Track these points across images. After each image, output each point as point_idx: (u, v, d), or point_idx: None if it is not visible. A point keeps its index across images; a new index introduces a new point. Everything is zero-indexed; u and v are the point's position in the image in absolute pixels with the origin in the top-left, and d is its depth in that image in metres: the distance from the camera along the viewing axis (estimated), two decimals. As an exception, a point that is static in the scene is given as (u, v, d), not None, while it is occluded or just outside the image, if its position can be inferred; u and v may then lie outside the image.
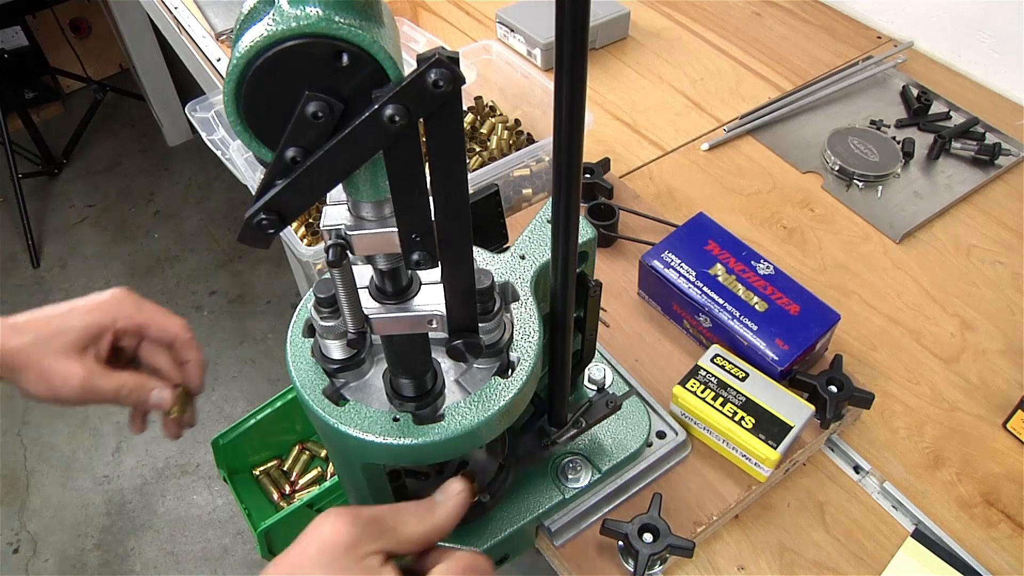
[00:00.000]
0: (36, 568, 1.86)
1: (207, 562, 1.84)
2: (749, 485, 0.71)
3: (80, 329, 0.62)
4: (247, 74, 0.34)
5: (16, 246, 2.57)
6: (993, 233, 0.96)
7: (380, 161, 0.37)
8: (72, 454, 2.06)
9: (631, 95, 1.18)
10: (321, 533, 0.41)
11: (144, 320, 0.65)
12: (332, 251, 0.40)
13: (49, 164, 2.79)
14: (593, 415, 0.64)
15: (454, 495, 0.45)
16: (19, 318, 0.63)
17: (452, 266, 0.42)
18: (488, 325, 0.48)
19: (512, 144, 1.08)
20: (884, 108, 1.13)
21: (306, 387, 0.49)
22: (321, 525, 0.42)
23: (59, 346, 0.61)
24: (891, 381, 0.82)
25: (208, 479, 1.98)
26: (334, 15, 0.32)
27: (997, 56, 1.13)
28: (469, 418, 0.47)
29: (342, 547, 0.40)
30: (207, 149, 1.02)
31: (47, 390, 0.62)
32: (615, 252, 0.93)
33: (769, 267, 0.81)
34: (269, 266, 2.41)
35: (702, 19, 1.32)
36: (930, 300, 0.89)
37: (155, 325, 0.66)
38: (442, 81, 0.33)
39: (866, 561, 0.69)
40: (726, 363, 0.74)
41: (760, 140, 1.10)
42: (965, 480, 0.74)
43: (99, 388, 0.62)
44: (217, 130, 1.03)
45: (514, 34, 1.24)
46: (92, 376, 0.62)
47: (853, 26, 1.28)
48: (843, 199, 1.01)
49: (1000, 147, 1.04)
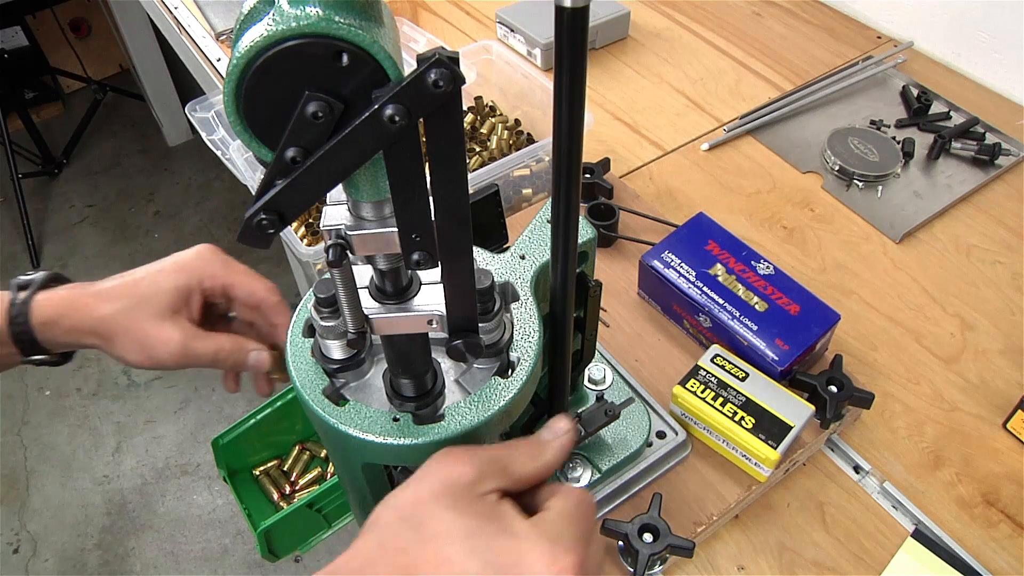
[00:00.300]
0: (36, 568, 1.86)
1: (207, 562, 1.84)
2: (749, 485, 0.71)
3: (170, 291, 0.60)
4: (247, 74, 0.34)
5: (16, 246, 2.57)
6: (993, 233, 0.96)
7: (380, 161, 0.37)
8: (72, 454, 2.06)
9: (631, 95, 1.18)
10: (441, 471, 0.41)
11: (231, 280, 0.63)
12: (332, 251, 0.40)
13: (49, 164, 2.80)
14: (592, 424, 0.64)
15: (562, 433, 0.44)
16: (104, 284, 0.61)
17: (452, 266, 0.42)
18: (488, 325, 0.48)
19: (512, 144, 1.08)
20: (884, 108, 1.13)
21: (306, 387, 0.49)
22: (440, 463, 0.41)
23: (152, 311, 0.60)
24: (891, 381, 0.82)
25: (208, 479, 1.98)
26: (334, 15, 0.32)
27: (997, 56, 1.13)
28: (469, 418, 0.47)
29: (462, 485, 0.40)
30: (207, 149, 1.02)
31: (146, 357, 0.61)
32: (615, 252, 0.93)
33: (769, 267, 0.81)
34: (269, 266, 2.41)
35: (702, 19, 1.32)
36: (930, 300, 0.89)
37: (241, 286, 0.64)
38: (442, 81, 0.33)
39: (866, 561, 0.69)
40: (726, 363, 0.74)
41: (760, 140, 1.10)
42: (965, 480, 0.74)
43: (197, 352, 0.61)
44: (217, 130, 1.03)
45: (514, 34, 1.24)
46: (189, 339, 0.60)
47: (853, 26, 1.28)
48: (843, 199, 1.01)
49: (1000, 147, 1.04)
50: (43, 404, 2.16)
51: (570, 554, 0.38)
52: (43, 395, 2.18)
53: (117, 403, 2.16)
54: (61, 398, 2.17)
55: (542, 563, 0.37)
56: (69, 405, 2.15)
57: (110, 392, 2.18)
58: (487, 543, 0.38)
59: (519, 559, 0.38)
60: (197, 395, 2.15)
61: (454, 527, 0.39)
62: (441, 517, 0.39)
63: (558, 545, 0.38)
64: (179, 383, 2.17)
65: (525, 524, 0.39)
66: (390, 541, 0.40)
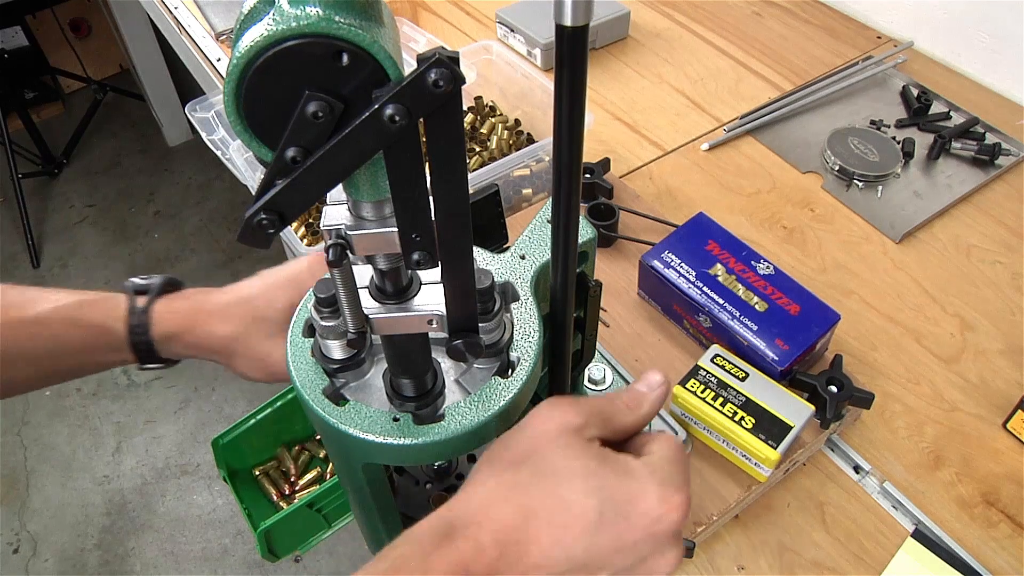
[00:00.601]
0: (36, 568, 1.86)
1: (207, 562, 1.84)
2: (749, 485, 0.71)
3: (285, 308, 0.62)
4: (247, 74, 0.34)
5: (16, 246, 2.57)
6: (993, 233, 0.96)
7: (380, 161, 0.37)
8: (72, 454, 2.06)
9: (631, 95, 1.18)
10: (552, 417, 0.42)
11: None
12: (332, 251, 0.40)
13: (49, 164, 2.80)
14: None
15: (657, 386, 0.46)
16: (221, 299, 0.63)
17: (452, 266, 0.42)
18: (488, 325, 0.48)
19: (512, 144, 1.08)
20: (884, 108, 1.13)
21: (306, 387, 0.49)
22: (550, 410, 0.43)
23: (269, 329, 0.62)
24: (891, 381, 0.82)
25: (208, 479, 1.98)
26: (334, 15, 0.32)
27: (997, 56, 1.13)
28: (469, 418, 0.47)
29: (571, 429, 0.42)
30: (207, 149, 1.02)
31: (267, 375, 0.63)
32: (615, 252, 0.93)
33: (769, 267, 0.81)
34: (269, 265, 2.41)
35: (702, 19, 1.32)
36: (930, 300, 0.89)
37: None
38: (442, 81, 0.33)
39: (866, 561, 0.69)
40: (726, 363, 0.74)
41: (760, 140, 1.10)
42: (965, 480, 0.74)
43: None
44: (217, 130, 1.03)
45: (514, 34, 1.24)
46: None
47: (853, 26, 1.28)
48: (843, 199, 1.01)
49: (1000, 147, 1.04)
50: (43, 404, 2.16)
51: (679, 493, 0.40)
52: (43, 395, 2.18)
53: (117, 403, 2.16)
54: (61, 398, 2.17)
55: (655, 500, 0.39)
56: (69, 405, 2.16)
57: (110, 392, 2.18)
58: (603, 482, 0.39)
59: (633, 497, 0.39)
60: (197, 395, 2.15)
61: (572, 466, 0.40)
62: (557, 457, 0.40)
63: (668, 485, 0.40)
64: (179, 383, 2.17)
65: (637, 464, 0.41)
66: (507, 480, 0.41)
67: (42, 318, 0.61)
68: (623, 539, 0.39)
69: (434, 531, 0.39)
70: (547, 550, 0.38)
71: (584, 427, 0.42)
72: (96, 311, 0.62)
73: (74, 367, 0.64)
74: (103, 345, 0.62)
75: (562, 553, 0.38)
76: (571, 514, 0.39)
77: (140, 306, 0.62)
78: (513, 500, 0.40)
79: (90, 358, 0.63)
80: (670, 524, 0.39)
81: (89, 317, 0.62)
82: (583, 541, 0.38)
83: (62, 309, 0.61)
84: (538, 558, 0.38)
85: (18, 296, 0.62)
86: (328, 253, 0.40)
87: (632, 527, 0.39)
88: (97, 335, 0.62)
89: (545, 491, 0.39)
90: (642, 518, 0.39)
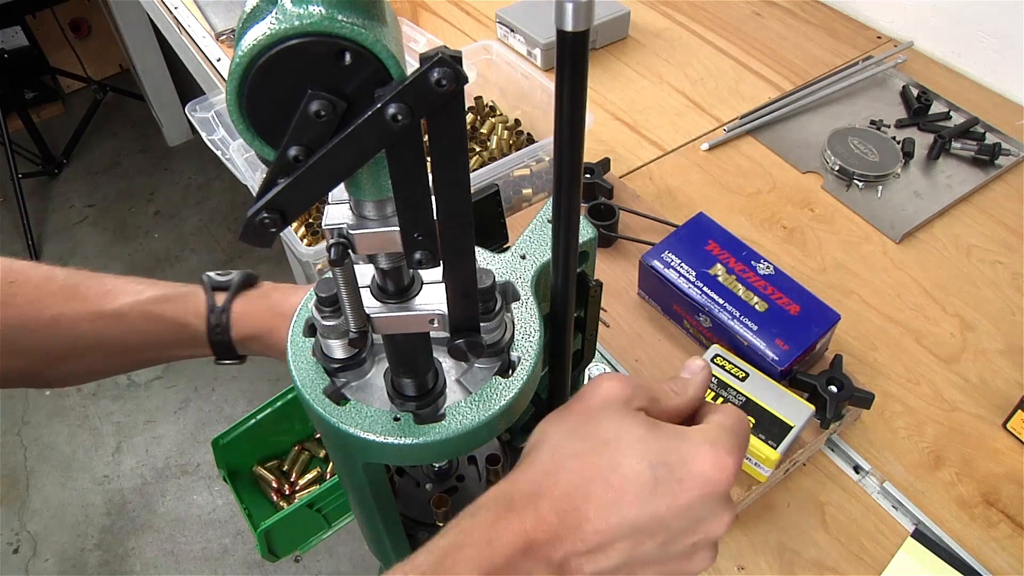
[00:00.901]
0: (36, 568, 1.85)
1: (207, 562, 1.84)
2: (749, 485, 0.71)
3: None
4: (250, 73, 0.34)
5: (16, 246, 2.57)
6: (993, 233, 0.96)
7: (382, 160, 0.37)
8: (72, 454, 2.06)
9: (631, 95, 1.18)
10: (602, 389, 0.44)
11: None
12: (334, 250, 0.40)
13: (49, 164, 2.80)
14: None
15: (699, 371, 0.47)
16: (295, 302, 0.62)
17: (454, 265, 0.42)
18: (489, 324, 0.48)
19: (512, 144, 1.08)
20: (884, 108, 1.13)
21: (307, 386, 0.49)
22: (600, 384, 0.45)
23: None
24: (891, 381, 0.82)
25: (208, 479, 1.98)
26: (337, 14, 0.32)
27: (997, 56, 1.13)
28: (470, 418, 0.47)
29: (621, 400, 0.43)
30: (207, 149, 1.02)
31: None
32: (615, 252, 0.93)
33: (769, 267, 0.81)
34: (269, 266, 2.41)
35: (702, 19, 1.32)
36: (930, 300, 0.89)
37: None
38: (445, 80, 0.33)
39: (866, 561, 0.69)
40: (726, 363, 0.74)
41: (760, 140, 1.10)
42: (965, 480, 0.74)
43: None
44: (217, 130, 1.03)
45: (514, 34, 1.24)
46: None
47: (853, 26, 1.29)
48: (843, 199, 1.01)
49: (1000, 147, 1.04)
50: (43, 404, 2.16)
51: (731, 455, 0.40)
52: (43, 395, 2.18)
53: (117, 403, 2.16)
54: (61, 398, 2.17)
55: (707, 461, 0.40)
56: (69, 405, 2.15)
57: (110, 392, 2.18)
58: (655, 445, 0.41)
59: (686, 460, 0.40)
60: (197, 395, 2.15)
61: (624, 432, 0.41)
62: (608, 426, 0.42)
63: (719, 447, 0.40)
64: (179, 383, 2.17)
65: (690, 430, 0.42)
66: (563, 449, 0.42)
67: (123, 311, 0.61)
68: (678, 501, 0.40)
69: (496, 503, 0.40)
70: (604, 514, 0.39)
71: (632, 399, 0.44)
72: (176, 307, 0.62)
73: (151, 359, 0.65)
74: (182, 341, 0.63)
75: (618, 517, 0.39)
76: (625, 479, 0.40)
77: (220, 305, 0.62)
78: (569, 469, 0.41)
79: (168, 352, 0.64)
80: (723, 485, 0.40)
81: (170, 313, 0.62)
82: (638, 504, 0.39)
83: (143, 303, 0.61)
84: (597, 523, 0.39)
85: (97, 286, 0.62)
86: (330, 252, 0.40)
87: (686, 489, 0.40)
88: (177, 331, 0.62)
89: (599, 458, 0.41)
90: (695, 480, 0.40)
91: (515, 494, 0.41)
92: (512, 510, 0.40)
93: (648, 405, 0.44)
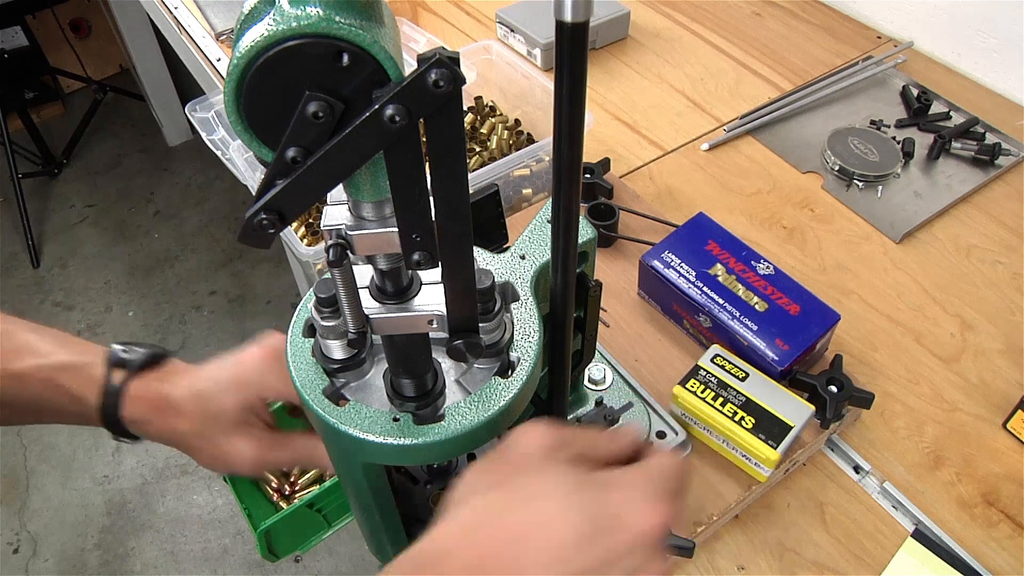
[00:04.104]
0: (36, 568, 1.86)
1: (207, 562, 1.84)
2: (749, 485, 0.71)
3: (235, 410, 0.62)
4: (248, 74, 0.34)
5: (16, 246, 2.57)
6: (993, 233, 0.96)
7: (381, 161, 0.37)
8: (72, 454, 2.06)
9: (631, 95, 1.18)
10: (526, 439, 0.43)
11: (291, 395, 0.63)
12: (333, 251, 0.40)
13: (49, 164, 2.80)
14: None
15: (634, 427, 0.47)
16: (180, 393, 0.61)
17: (452, 266, 0.42)
18: (488, 325, 0.48)
19: (512, 144, 1.08)
20: (884, 108, 1.13)
21: (306, 387, 0.49)
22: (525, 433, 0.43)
23: (222, 428, 0.61)
24: (891, 381, 0.82)
25: (208, 479, 1.98)
26: (335, 15, 0.32)
27: (997, 56, 1.13)
28: (469, 418, 0.47)
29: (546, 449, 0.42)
30: (207, 149, 1.02)
31: (227, 468, 0.63)
32: (615, 252, 0.93)
33: (769, 267, 0.81)
34: (269, 266, 2.41)
35: (702, 19, 1.32)
36: (930, 300, 0.89)
37: None
38: (443, 81, 0.33)
39: (866, 561, 0.69)
40: (726, 363, 0.74)
41: (760, 140, 1.10)
42: (965, 480, 0.74)
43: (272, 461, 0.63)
44: (217, 130, 1.03)
45: (514, 34, 1.24)
46: (264, 451, 0.62)
47: (853, 26, 1.28)
48: (843, 199, 1.01)
49: (1000, 147, 1.04)
50: (43, 404, 2.15)
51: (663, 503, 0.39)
52: (43, 395, 2.17)
53: (117, 403, 2.15)
54: (61, 398, 2.17)
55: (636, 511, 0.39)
56: (69, 405, 2.15)
57: (110, 392, 2.18)
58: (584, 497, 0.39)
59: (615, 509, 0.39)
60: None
61: (551, 486, 0.40)
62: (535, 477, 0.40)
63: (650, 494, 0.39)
64: (179, 383, 2.17)
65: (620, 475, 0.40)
66: (485, 505, 0.40)
67: (25, 374, 0.60)
68: (612, 552, 0.38)
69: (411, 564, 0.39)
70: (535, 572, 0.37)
71: (558, 447, 0.42)
72: (75, 378, 0.61)
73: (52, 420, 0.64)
74: (77, 412, 0.61)
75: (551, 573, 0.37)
76: (556, 533, 0.38)
77: (115, 383, 0.61)
78: (493, 525, 0.39)
79: (66, 419, 0.63)
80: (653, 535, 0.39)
81: (67, 384, 0.61)
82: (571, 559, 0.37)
83: (45, 369, 0.60)
84: None
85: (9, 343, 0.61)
86: (328, 253, 0.40)
87: (618, 542, 0.38)
88: (72, 402, 0.61)
89: (526, 512, 0.39)
90: (626, 532, 0.38)
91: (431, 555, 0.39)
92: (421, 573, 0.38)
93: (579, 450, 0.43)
